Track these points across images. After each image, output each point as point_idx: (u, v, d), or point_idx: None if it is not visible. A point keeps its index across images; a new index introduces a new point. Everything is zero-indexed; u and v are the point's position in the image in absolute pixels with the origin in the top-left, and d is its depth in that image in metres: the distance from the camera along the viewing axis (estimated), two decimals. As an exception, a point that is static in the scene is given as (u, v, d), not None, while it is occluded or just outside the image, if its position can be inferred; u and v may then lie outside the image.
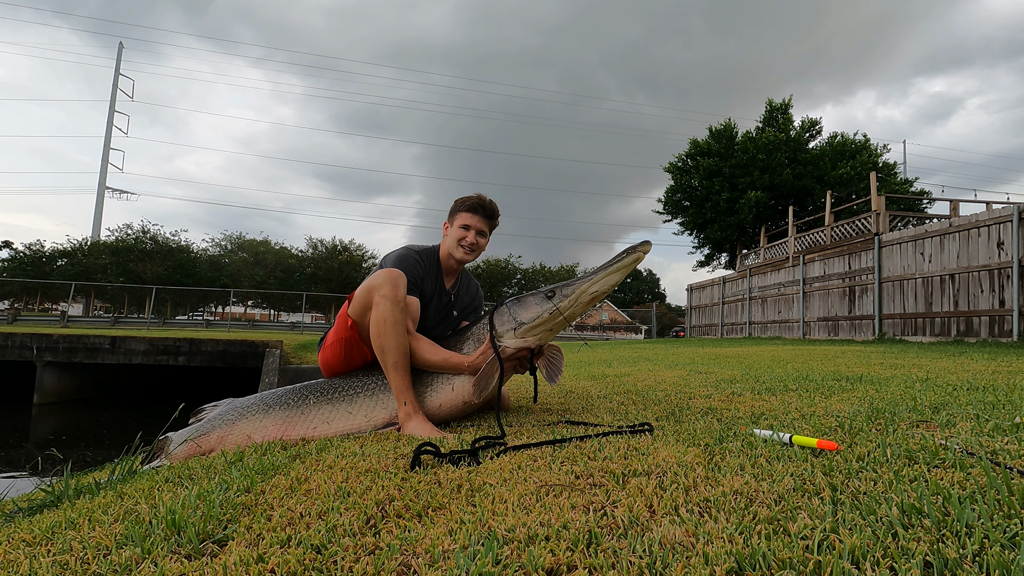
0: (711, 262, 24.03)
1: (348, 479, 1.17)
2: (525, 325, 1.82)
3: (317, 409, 1.83)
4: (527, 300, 1.86)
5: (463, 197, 2.12)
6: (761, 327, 14.98)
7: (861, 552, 0.68)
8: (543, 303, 1.82)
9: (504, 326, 1.84)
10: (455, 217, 2.08)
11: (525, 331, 1.82)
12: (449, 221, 2.10)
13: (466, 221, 2.06)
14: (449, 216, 2.11)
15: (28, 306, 32.08)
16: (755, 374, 3.24)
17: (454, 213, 2.09)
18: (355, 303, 1.85)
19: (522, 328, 1.82)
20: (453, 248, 2.05)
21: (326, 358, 2.00)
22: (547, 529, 0.82)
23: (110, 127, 40.74)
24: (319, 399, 1.85)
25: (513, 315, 1.84)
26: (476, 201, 2.08)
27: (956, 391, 2.14)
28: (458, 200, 2.12)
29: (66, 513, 1.16)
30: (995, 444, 1.16)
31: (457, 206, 2.10)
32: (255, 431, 1.82)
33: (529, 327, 1.81)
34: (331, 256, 35.25)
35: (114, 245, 31.81)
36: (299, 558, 0.77)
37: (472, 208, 2.07)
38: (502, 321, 1.84)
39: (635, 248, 1.76)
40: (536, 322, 1.81)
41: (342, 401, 1.84)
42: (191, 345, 12.74)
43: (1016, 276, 7.68)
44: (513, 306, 1.86)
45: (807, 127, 21.88)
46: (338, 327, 1.94)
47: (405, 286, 1.82)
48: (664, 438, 1.41)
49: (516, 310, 1.84)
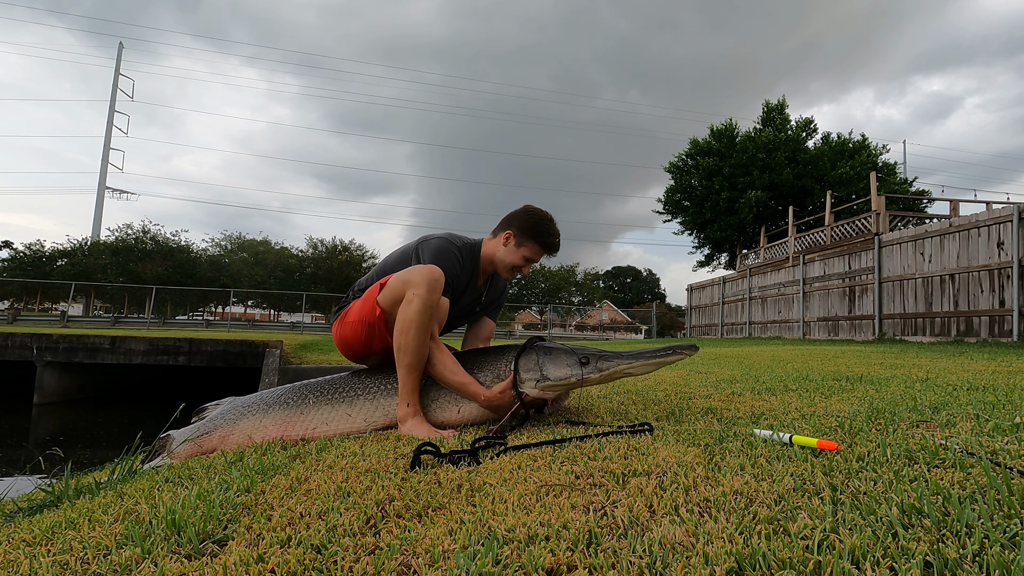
0: (711, 262, 24.04)
1: (348, 479, 1.17)
2: (550, 381, 1.75)
3: (316, 410, 1.82)
4: (559, 357, 1.78)
5: (544, 227, 1.99)
6: (761, 327, 14.98)
7: (861, 552, 0.68)
8: (574, 367, 1.74)
9: (528, 373, 1.77)
10: (524, 242, 1.98)
11: (547, 387, 1.76)
12: (515, 238, 1.98)
13: (533, 255, 2.00)
14: (518, 232, 1.98)
15: (28, 306, 32.09)
16: (755, 374, 3.24)
17: (526, 237, 1.98)
18: (387, 292, 1.79)
19: (546, 383, 1.75)
20: (503, 267, 2.00)
21: (344, 334, 1.94)
22: (547, 529, 0.82)
23: (110, 127, 40.74)
24: (318, 400, 1.84)
25: (541, 366, 1.77)
26: (556, 244, 2.02)
27: (956, 391, 2.14)
28: (537, 225, 1.98)
29: (66, 513, 1.16)
30: (995, 444, 1.16)
31: (533, 232, 1.98)
32: (255, 431, 1.81)
33: (553, 384, 1.75)
34: (331, 256, 35.27)
35: (114, 245, 31.83)
36: (299, 558, 0.77)
37: (548, 248, 2.01)
38: (527, 367, 1.78)
39: (682, 349, 1.70)
40: (562, 382, 1.75)
41: (341, 403, 1.83)
42: (191, 345, 12.74)
43: (1016, 276, 7.68)
44: (543, 357, 1.79)
45: (803, 126, 21.90)
46: (364, 309, 1.87)
47: (441, 289, 1.75)
48: (664, 438, 1.41)
49: (545, 363, 1.77)
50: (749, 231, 21.17)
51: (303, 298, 31.77)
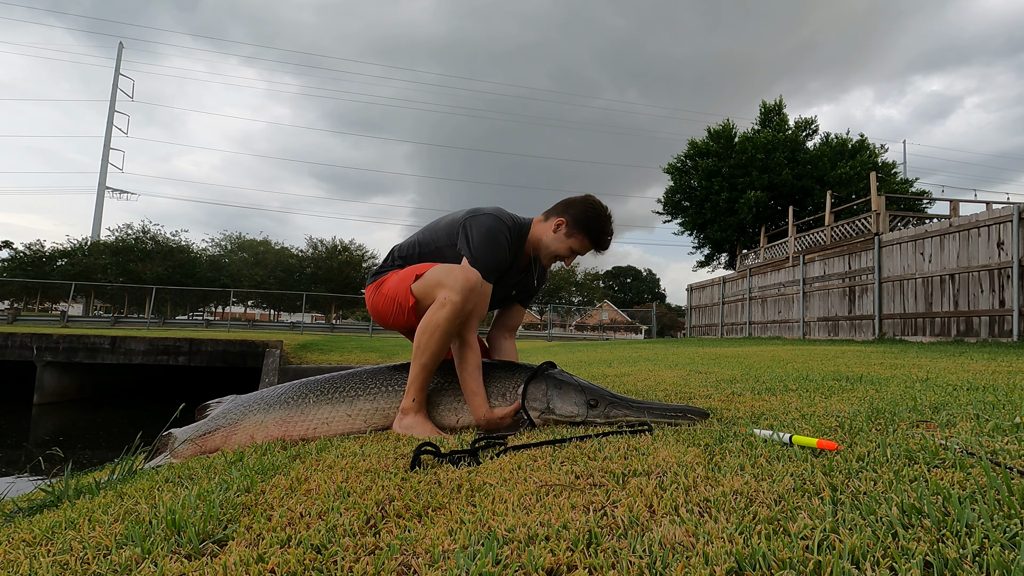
0: (711, 262, 24.04)
1: (348, 479, 1.17)
2: (554, 416, 1.74)
3: (317, 409, 1.82)
4: (568, 393, 1.75)
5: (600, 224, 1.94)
6: (761, 327, 14.98)
7: (861, 552, 0.68)
8: (581, 407, 1.72)
9: (536, 402, 1.76)
10: (575, 233, 1.93)
11: (551, 419, 1.75)
12: (566, 227, 1.93)
13: (580, 249, 1.96)
14: (571, 222, 1.93)
15: (28, 306, 32.09)
16: (755, 374, 3.24)
17: (578, 229, 1.93)
18: (423, 285, 1.76)
19: (550, 415, 1.74)
20: (546, 253, 1.97)
21: (376, 304, 1.92)
22: (547, 529, 0.82)
23: (110, 127, 40.74)
24: (319, 399, 1.84)
25: (548, 399, 1.76)
26: (608, 242, 1.98)
27: (956, 391, 2.14)
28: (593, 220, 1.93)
29: (66, 513, 1.16)
30: (995, 444, 1.16)
31: (588, 227, 1.93)
32: (257, 430, 1.81)
33: (556, 418, 1.74)
34: (331, 256, 35.28)
35: (114, 245, 31.83)
36: (299, 558, 0.77)
37: (599, 245, 1.97)
38: (535, 395, 1.77)
39: (693, 414, 1.65)
40: (566, 419, 1.73)
41: (342, 403, 1.83)
42: (191, 345, 12.75)
43: (1016, 276, 7.68)
44: (552, 391, 1.77)
45: (803, 126, 21.90)
46: (399, 290, 1.83)
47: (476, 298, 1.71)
48: (664, 438, 1.41)
49: (554, 397, 1.76)
50: (749, 231, 21.17)
51: (303, 298, 31.77)
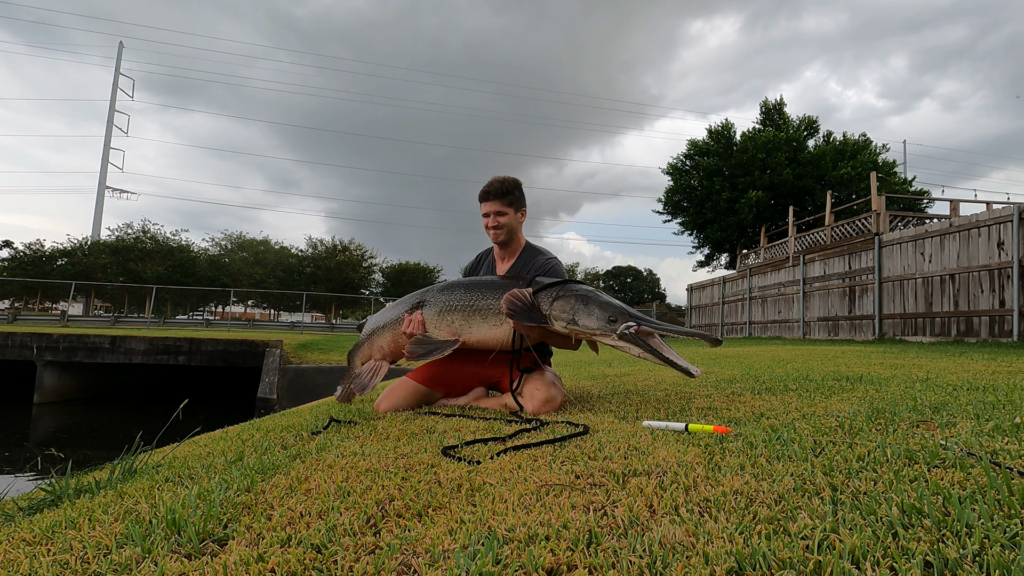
0: (711, 262, 24.04)
1: (348, 479, 1.17)
2: (576, 327, 1.90)
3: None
4: (593, 309, 1.90)
5: (480, 188, 2.29)
6: (761, 327, 14.98)
7: (861, 552, 0.68)
8: (603, 323, 1.87)
9: (561, 312, 1.93)
10: (481, 207, 2.28)
11: (572, 330, 1.92)
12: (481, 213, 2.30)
13: (484, 210, 2.27)
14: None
15: (28, 305, 32.09)
16: (755, 374, 3.24)
17: (480, 207, 2.29)
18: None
19: (571, 328, 1.91)
20: (488, 234, 2.30)
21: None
22: (547, 529, 0.82)
23: (110, 127, 40.74)
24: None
25: (575, 312, 1.91)
26: (485, 189, 2.27)
27: (956, 391, 2.14)
28: (479, 193, 2.29)
29: (66, 512, 1.16)
30: (995, 444, 1.16)
31: (479, 200, 2.29)
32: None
33: (577, 330, 1.91)
34: (330, 256, 35.27)
35: (114, 245, 31.82)
36: (299, 557, 0.77)
37: (483, 196, 2.27)
38: (562, 308, 1.93)
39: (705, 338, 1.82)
40: (585, 332, 1.90)
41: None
42: (191, 345, 12.74)
43: (1016, 276, 7.68)
44: (579, 305, 1.92)
45: (805, 125, 21.90)
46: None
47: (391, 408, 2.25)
48: (664, 438, 1.41)
49: (580, 311, 1.91)
50: (749, 231, 21.17)
51: (303, 298, 31.76)
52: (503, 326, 2.07)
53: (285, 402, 10.82)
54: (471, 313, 2.13)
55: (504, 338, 2.10)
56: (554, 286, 2.01)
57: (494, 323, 2.09)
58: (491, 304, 2.10)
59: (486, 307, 2.11)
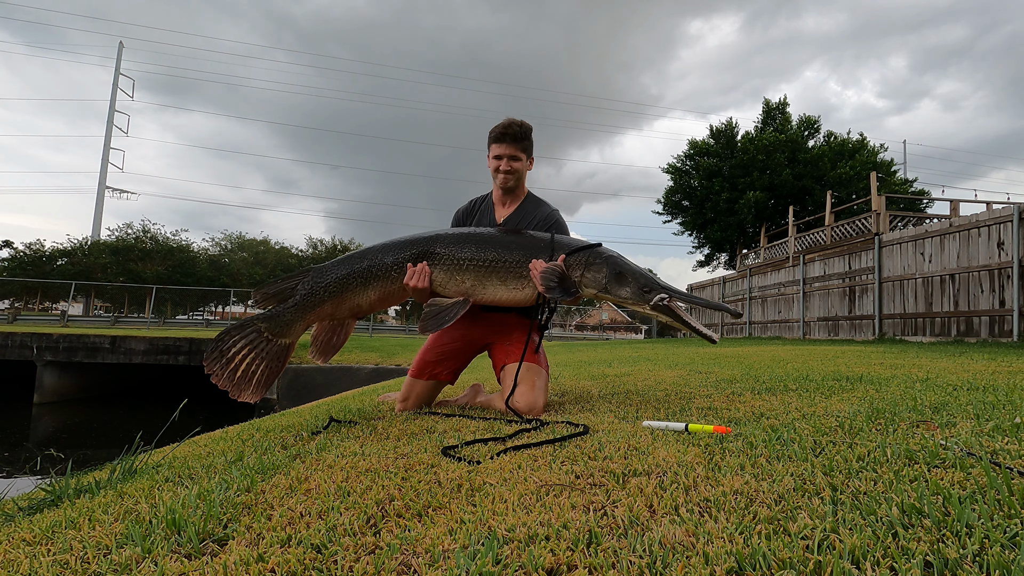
0: (711, 262, 24.04)
1: (348, 479, 1.17)
2: (607, 295, 1.88)
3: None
4: (627, 279, 1.87)
5: (493, 127, 2.17)
6: (761, 327, 14.98)
7: (861, 552, 0.68)
8: (635, 292, 1.85)
9: (593, 281, 1.88)
10: (489, 149, 2.17)
11: (602, 297, 1.89)
12: (488, 153, 2.18)
13: (496, 152, 2.15)
14: (487, 150, 2.19)
15: (28, 305, 32.07)
16: (755, 374, 3.24)
17: (488, 146, 2.18)
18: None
19: (602, 295, 1.88)
20: (494, 178, 2.18)
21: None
22: (547, 529, 0.82)
23: (110, 127, 40.73)
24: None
25: (608, 281, 1.87)
26: (501, 130, 2.13)
27: (956, 391, 2.14)
28: (489, 132, 2.18)
29: (66, 512, 1.16)
30: (995, 444, 1.16)
31: (488, 139, 2.18)
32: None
33: (608, 298, 1.89)
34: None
35: (114, 245, 31.83)
36: (299, 557, 0.77)
37: (499, 138, 2.14)
38: (594, 276, 1.88)
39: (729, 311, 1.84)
40: (616, 299, 1.88)
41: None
42: (191, 344, 12.74)
43: (1016, 276, 7.68)
44: (612, 274, 1.87)
45: (805, 125, 21.90)
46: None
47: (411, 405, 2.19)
48: (664, 438, 1.41)
49: (613, 281, 1.87)
50: (749, 231, 21.18)
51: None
52: (524, 290, 1.92)
53: (285, 402, 10.82)
54: (487, 274, 1.93)
55: (523, 302, 1.97)
56: (582, 251, 1.91)
57: (514, 287, 1.93)
58: (511, 265, 1.92)
59: (505, 269, 1.93)
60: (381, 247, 2.03)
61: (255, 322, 1.97)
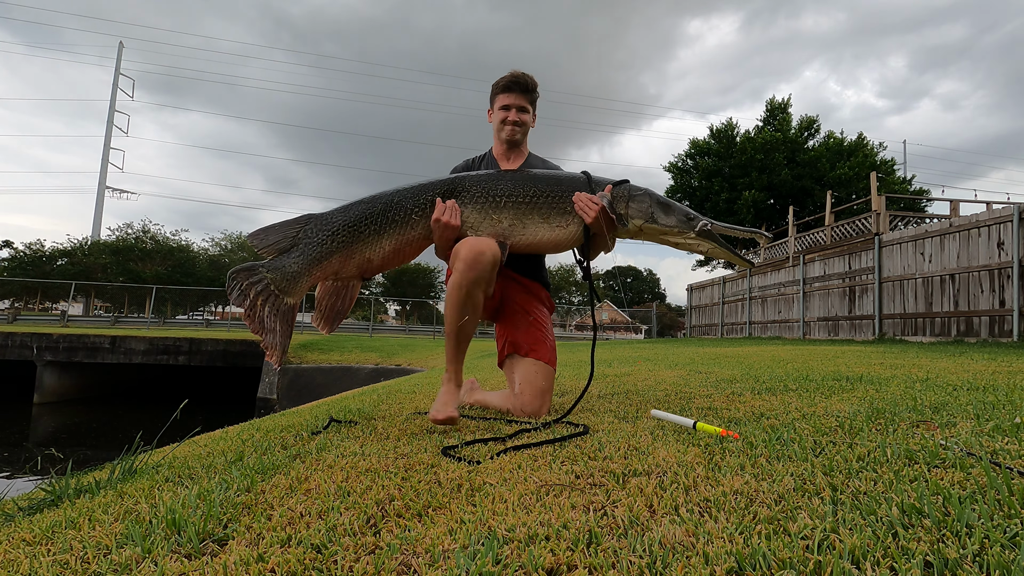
0: (710, 262, 24.04)
1: (348, 479, 1.17)
2: (654, 226, 1.82)
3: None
4: (671, 208, 1.84)
5: (498, 79, 2.08)
6: (761, 327, 14.98)
7: (861, 552, 0.68)
8: (681, 220, 1.82)
9: (638, 212, 1.82)
10: (494, 102, 2.08)
11: (647, 228, 1.83)
12: (491, 108, 2.09)
13: (504, 102, 2.05)
14: (490, 104, 2.10)
15: (28, 305, 32.07)
16: (755, 374, 3.24)
17: (492, 99, 2.08)
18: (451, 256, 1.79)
19: (648, 226, 1.82)
20: (499, 131, 2.07)
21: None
22: (547, 529, 0.82)
23: (110, 127, 40.73)
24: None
25: (653, 211, 1.82)
26: (510, 79, 2.04)
27: (956, 391, 2.14)
28: (493, 84, 2.08)
29: (66, 512, 1.16)
30: (995, 444, 1.16)
31: (493, 91, 2.08)
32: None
33: (654, 228, 1.82)
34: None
35: (114, 245, 31.85)
36: (299, 557, 0.77)
37: (507, 87, 2.04)
38: (638, 207, 1.83)
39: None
40: (662, 229, 1.82)
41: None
42: (191, 345, 12.75)
43: (1016, 276, 7.68)
44: (655, 204, 1.83)
45: (805, 126, 21.90)
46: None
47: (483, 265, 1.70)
48: (664, 438, 1.41)
49: (658, 210, 1.82)
50: (749, 231, 21.18)
51: (303, 298, 31.75)
52: (568, 227, 1.80)
53: (285, 402, 10.83)
54: (528, 211, 1.77)
55: (565, 243, 1.84)
56: (619, 185, 1.86)
57: (557, 224, 1.79)
58: (554, 200, 1.78)
59: (548, 204, 1.77)
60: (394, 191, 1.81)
61: (261, 270, 1.74)
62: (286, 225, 1.79)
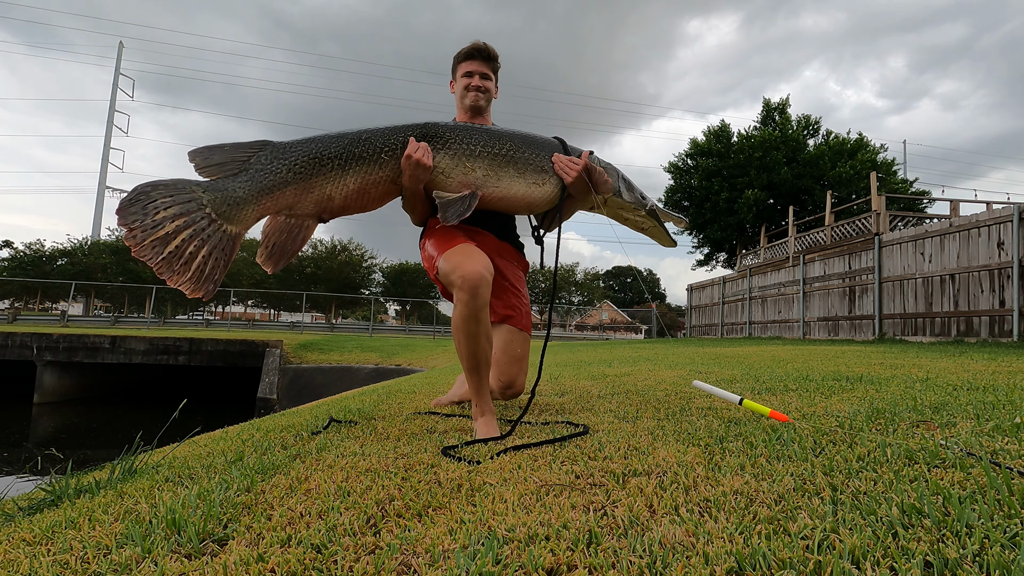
0: (711, 262, 24.06)
1: (348, 479, 1.17)
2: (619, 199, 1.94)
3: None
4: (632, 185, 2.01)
5: (459, 50, 2.08)
6: (761, 327, 14.98)
7: (861, 552, 0.68)
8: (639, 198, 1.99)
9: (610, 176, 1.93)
10: (455, 71, 2.08)
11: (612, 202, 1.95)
12: (453, 79, 2.10)
13: (467, 69, 2.04)
14: (452, 75, 2.11)
15: (28, 305, 32.07)
16: (755, 374, 3.24)
17: (454, 69, 2.09)
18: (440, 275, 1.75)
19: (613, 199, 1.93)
20: (462, 99, 2.04)
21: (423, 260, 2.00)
22: (547, 529, 0.82)
23: (110, 127, 40.73)
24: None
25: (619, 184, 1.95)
26: (471, 48, 2.04)
27: (956, 391, 2.14)
28: (455, 55, 2.08)
29: (66, 512, 1.16)
30: (995, 444, 1.16)
31: (455, 61, 2.08)
32: None
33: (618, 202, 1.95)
34: (331, 256, 35.26)
35: (114, 244, 31.82)
36: (299, 557, 0.77)
37: (469, 55, 2.04)
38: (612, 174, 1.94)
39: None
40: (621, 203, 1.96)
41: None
42: (191, 344, 12.75)
43: (1016, 276, 7.68)
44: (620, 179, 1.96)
45: (805, 125, 21.90)
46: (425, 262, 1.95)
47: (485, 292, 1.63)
48: (664, 438, 1.41)
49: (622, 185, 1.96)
50: (749, 231, 21.18)
51: (303, 298, 31.77)
52: (544, 186, 1.79)
53: (285, 402, 10.83)
54: (504, 163, 1.73)
55: (539, 203, 1.83)
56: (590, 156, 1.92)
57: (533, 181, 1.77)
58: (531, 156, 1.77)
59: (524, 160, 1.76)
60: (365, 130, 1.67)
61: (193, 188, 1.48)
62: (237, 147, 1.56)
